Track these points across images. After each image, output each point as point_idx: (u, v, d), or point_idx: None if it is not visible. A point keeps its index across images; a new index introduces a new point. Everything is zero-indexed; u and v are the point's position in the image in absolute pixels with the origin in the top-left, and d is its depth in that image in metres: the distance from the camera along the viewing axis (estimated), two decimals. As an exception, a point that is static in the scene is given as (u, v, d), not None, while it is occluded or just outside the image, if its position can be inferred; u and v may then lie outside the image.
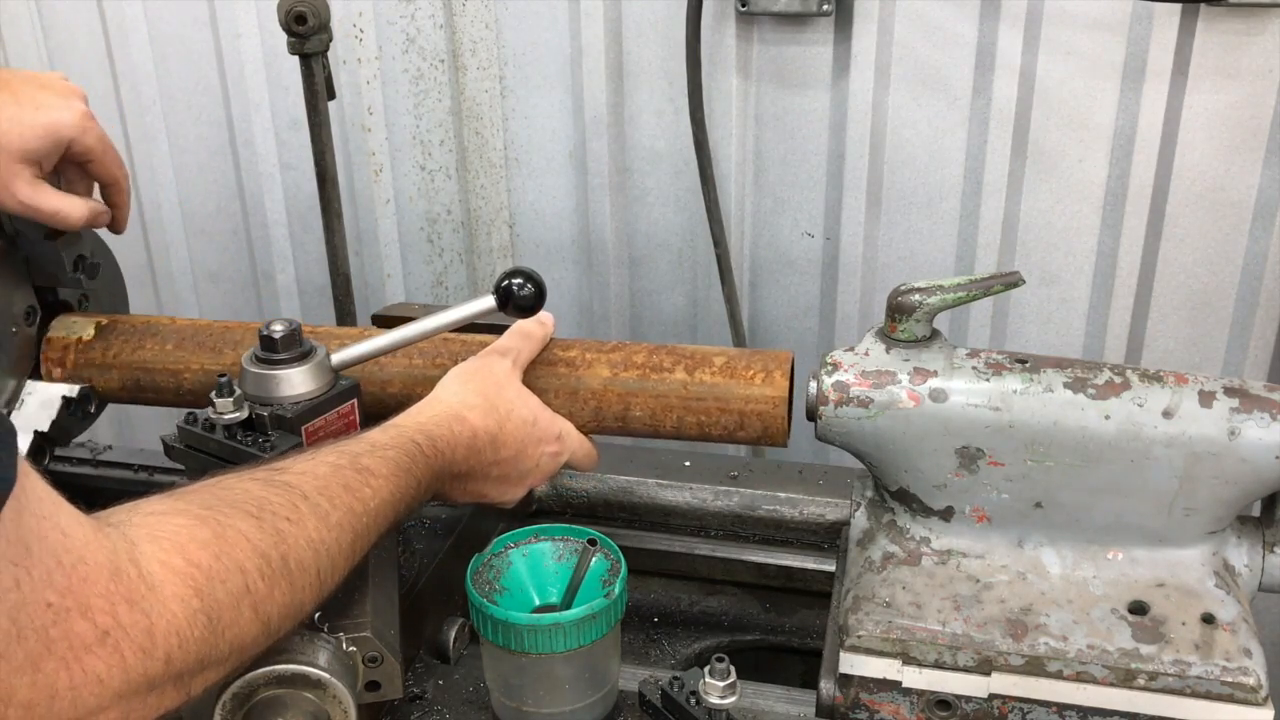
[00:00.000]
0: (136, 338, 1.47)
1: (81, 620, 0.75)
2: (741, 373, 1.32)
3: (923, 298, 1.16)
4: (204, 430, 1.21)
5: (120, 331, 1.48)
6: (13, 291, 1.44)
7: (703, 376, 1.32)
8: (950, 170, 1.96)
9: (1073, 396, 1.12)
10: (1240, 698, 1.04)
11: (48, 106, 1.33)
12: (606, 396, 1.34)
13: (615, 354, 1.36)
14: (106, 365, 1.46)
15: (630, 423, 1.34)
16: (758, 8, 1.90)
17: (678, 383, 1.32)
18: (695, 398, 1.32)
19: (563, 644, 1.12)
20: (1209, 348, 1.97)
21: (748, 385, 1.31)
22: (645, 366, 1.34)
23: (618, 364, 1.35)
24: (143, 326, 1.48)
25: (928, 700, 1.11)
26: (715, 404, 1.31)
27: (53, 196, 1.36)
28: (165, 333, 1.47)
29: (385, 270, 2.29)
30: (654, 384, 1.33)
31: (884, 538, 1.20)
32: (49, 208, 1.35)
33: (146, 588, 0.80)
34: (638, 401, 1.33)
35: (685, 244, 2.14)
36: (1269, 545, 1.16)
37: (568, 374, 1.35)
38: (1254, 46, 1.76)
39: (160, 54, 2.24)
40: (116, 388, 1.47)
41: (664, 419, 1.33)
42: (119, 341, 1.47)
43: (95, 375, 1.46)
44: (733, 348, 1.37)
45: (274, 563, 0.92)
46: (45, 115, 1.32)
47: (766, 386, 1.30)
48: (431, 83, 2.14)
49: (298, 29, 1.68)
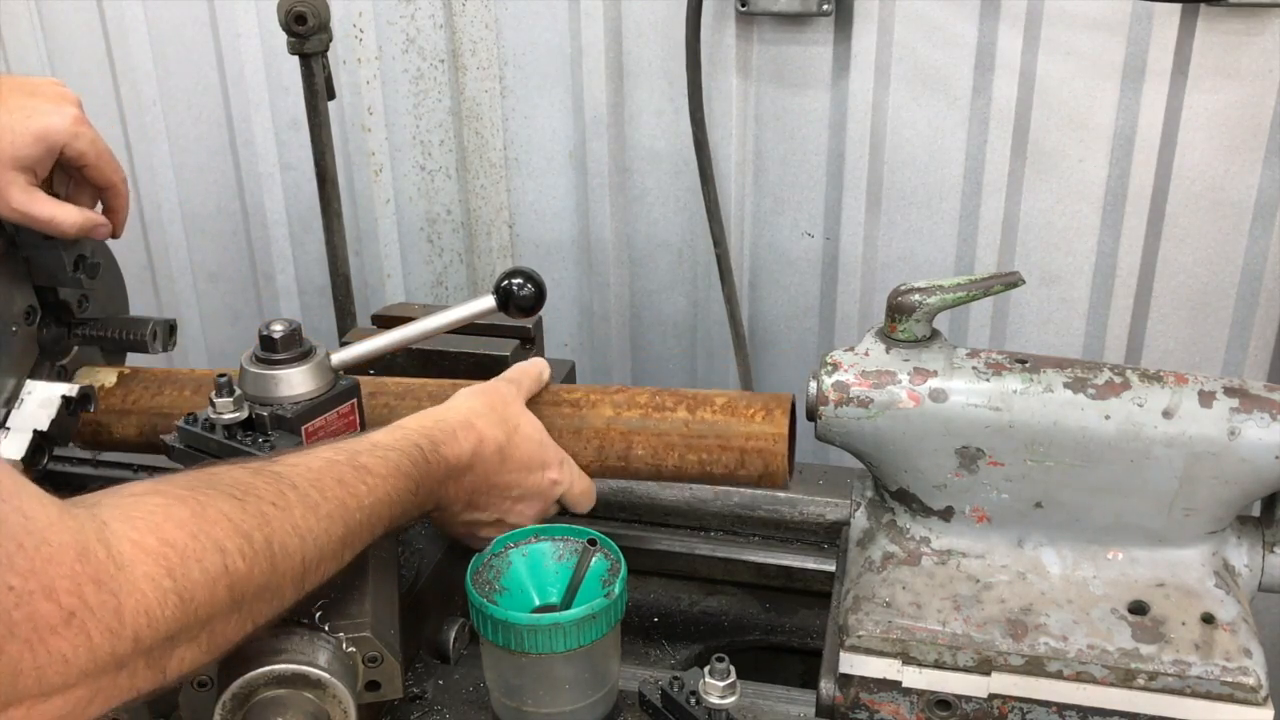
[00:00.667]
0: (156, 385, 1.50)
1: (46, 602, 0.75)
2: (742, 411, 1.34)
3: (923, 298, 1.16)
4: (204, 430, 1.21)
5: (141, 380, 1.51)
6: (13, 291, 1.44)
7: (704, 415, 1.34)
8: (950, 170, 1.96)
9: (1073, 396, 1.12)
10: (1240, 698, 1.04)
11: (39, 113, 1.32)
12: (609, 434, 1.35)
13: (619, 395, 1.38)
14: (125, 410, 1.48)
15: (633, 461, 1.35)
16: (758, 8, 1.90)
17: (679, 420, 1.34)
18: (696, 435, 1.33)
19: (563, 644, 1.12)
20: (1209, 348, 1.97)
21: (748, 422, 1.33)
22: (648, 406, 1.36)
23: (620, 404, 1.37)
24: (163, 376, 1.51)
25: (928, 700, 1.11)
26: (716, 441, 1.33)
27: (47, 204, 1.35)
28: (183, 381, 1.49)
29: (385, 270, 2.29)
30: (656, 422, 1.35)
31: (884, 538, 1.20)
32: (43, 215, 1.35)
33: (115, 567, 0.79)
34: (640, 440, 1.35)
35: (685, 244, 2.14)
36: (1269, 545, 1.16)
37: (572, 414, 1.37)
38: (1254, 46, 1.76)
39: (160, 54, 2.24)
40: (134, 434, 1.49)
41: (666, 457, 1.35)
42: (139, 388, 1.50)
43: (114, 421, 1.49)
44: (735, 391, 1.39)
45: (256, 544, 0.91)
46: (36, 121, 1.31)
47: (767, 424, 1.32)
48: (431, 83, 2.14)
49: (298, 29, 1.68)
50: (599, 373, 2.26)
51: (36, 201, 1.34)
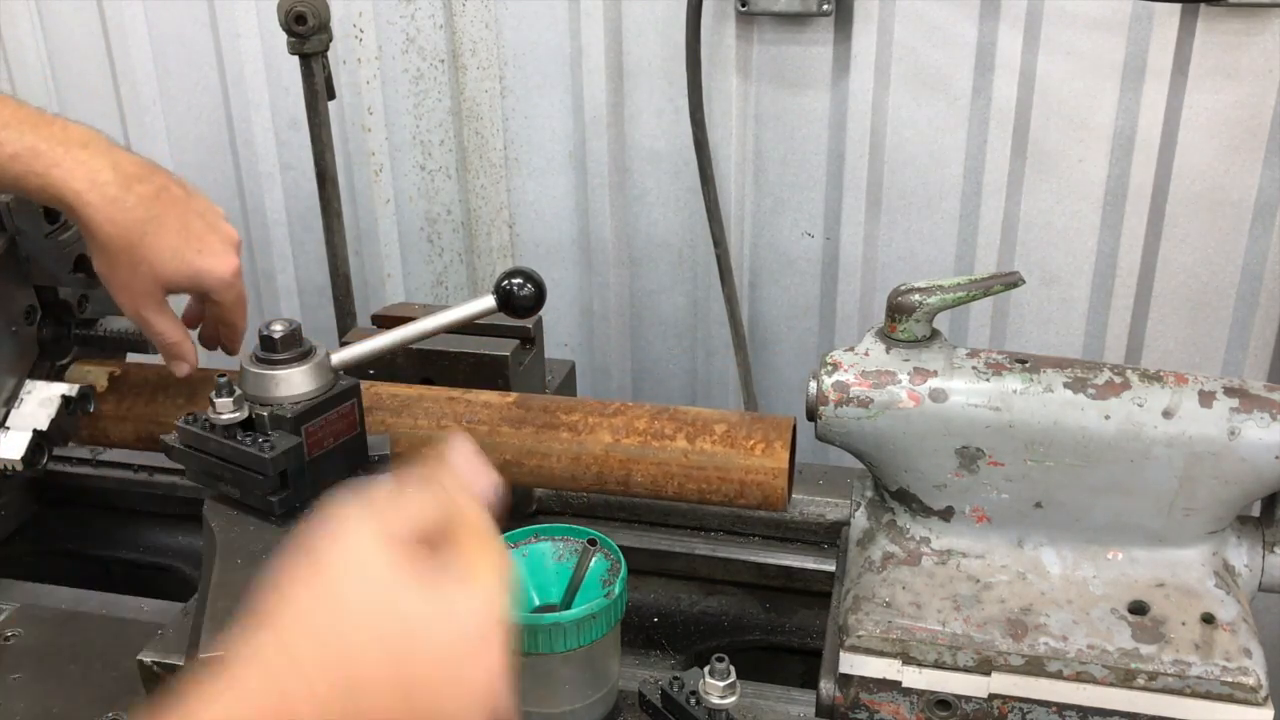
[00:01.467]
0: (149, 391, 1.49)
1: None
2: (742, 442, 1.33)
3: (922, 298, 1.16)
4: (204, 430, 1.22)
5: (133, 384, 1.50)
6: (13, 291, 1.44)
7: (703, 445, 1.34)
8: (950, 170, 1.96)
9: (1073, 396, 1.12)
10: (1240, 698, 1.04)
11: (207, 252, 1.33)
12: (609, 462, 1.36)
13: (617, 418, 1.37)
14: (120, 418, 1.49)
15: (632, 487, 1.36)
16: (758, 8, 1.90)
17: (679, 450, 1.34)
18: (696, 466, 1.33)
19: (563, 644, 1.12)
20: (1209, 348, 1.97)
21: (748, 455, 1.32)
22: (646, 433, 1.35)
23: (619, 429, 1.36)
24: (155, 379, 1.50)
25: (928, 700, 1.11)
26: (716, 473, 1.33)
27: (173, 329, 1.37)
28: (177, 385, 1.48)
29: (385, 270, 2.29)
30: (655, 451, 1.34)
31: (884, 538, 1.20)
32: (159, 328, 1.35)
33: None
34: (639, 468, 1.35)
35: (685, 244, 2.14)
36: (1269, 545, 1.16)
37: (570, 439, 1.37)
38: (1254, 46, 1.76)
39: (160, 54, 2.24)
40: (131, 439, 1.50)
41: (665, 485, 1.35)
42: (132, 394, 1.49)
43: (110, 428, 1.50)
44: (734, 412, 1.39)
45: None
46: (202, 261, 1.32)
47: (766, 458, 1.32)
48: (431, 83, 2.14)
49: (298, 29, 1.68)
50: (599, 373, 2.26)
51: (164, 320, 1.35)
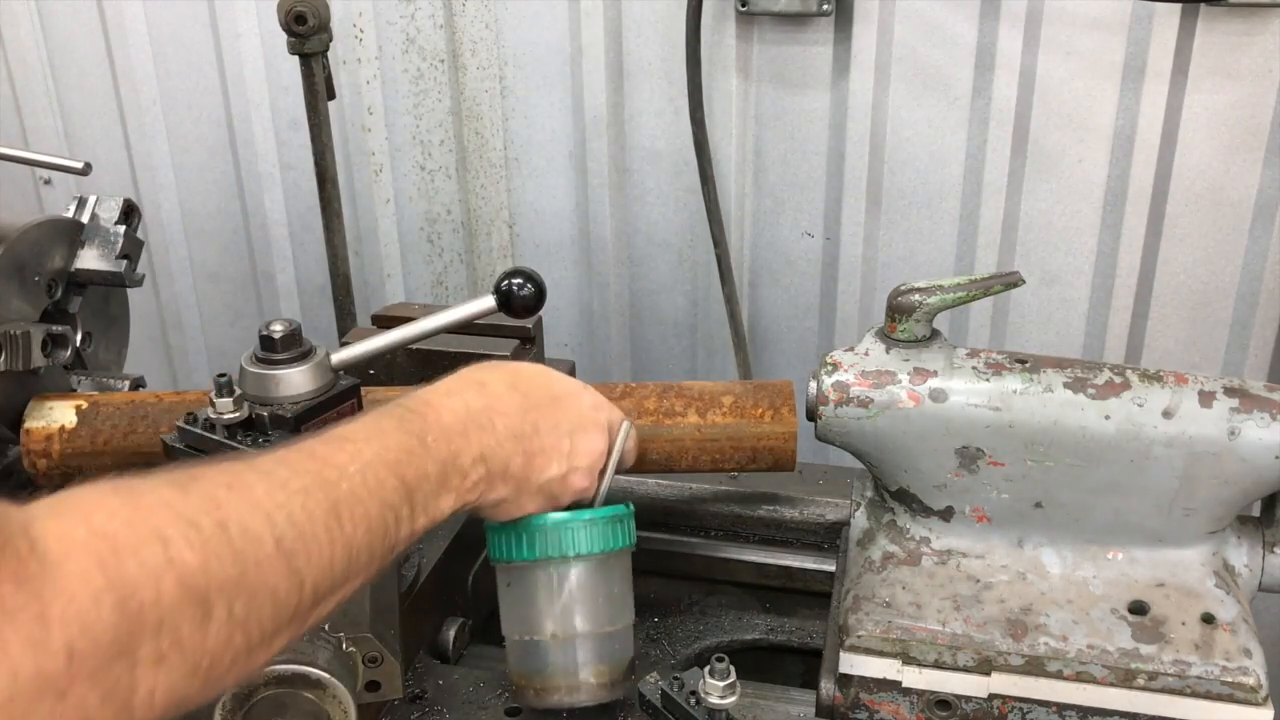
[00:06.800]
0: (125, 421, 1.38)
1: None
2: (750, 411, 1.36)
3: (922, 298, 1.16)
4: (204, 430, 1.21)
5: (105, 415, 1.39)
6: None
7: (714, 418, 1.36)
8: (950, 170, 1.96)
9: (1073, 396, 1.12)
10: (1240, 698, 1.04)
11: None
12: None
13: (625, 400, 1.37)
14: (97, 452, 1.38)
15: (648, 465, 1.38)
16: (758, 8, 1.90)
17: (691, 426, 1.36)
18: (709, 439, 1.36)
19: (584, 544, 1.12)
20: (1209, 348, 1.97)
21: (758, 424, 1.35)
22: (657, 413, 1.37)
23: (630, 411, 1.35)
24: (127, 407, 1.39)
25: (928, 700, 1.11)
26: (729, 444, 1.36)
27: None
28: (153, 413, 1.39)
29: (385, 270, 2.29)
30: (668, 429, 1.36)
31: (884, 538, 1.20)
32: None
33: (39, 564, 0.66)
34: (654, 447, 1.36)
35: (685, 244, 2.14)
36: (1269, 545, 1.16)
37: None
38: (1254, 46, 1.76)
39: (160, 54, 2.24)
40: (112, 471, 1.41)
41: (679, 459, 1.37)
42: (107, 427, 1.38)
43: (86, 463, 1.37)
44: (736, 382, 1.41)
45: (205, 530, 0.76)
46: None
47: (776, 424, 1.35)
48: (431, 83, 2.14)
49: (298, 29, 1.68)
50: (599, 372, 2.26)
51: None
